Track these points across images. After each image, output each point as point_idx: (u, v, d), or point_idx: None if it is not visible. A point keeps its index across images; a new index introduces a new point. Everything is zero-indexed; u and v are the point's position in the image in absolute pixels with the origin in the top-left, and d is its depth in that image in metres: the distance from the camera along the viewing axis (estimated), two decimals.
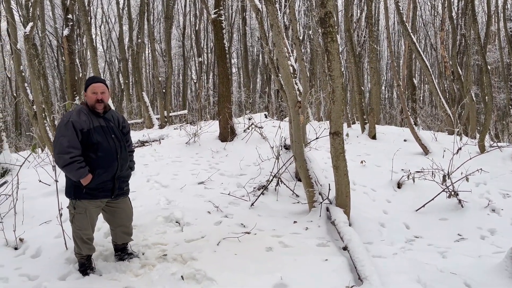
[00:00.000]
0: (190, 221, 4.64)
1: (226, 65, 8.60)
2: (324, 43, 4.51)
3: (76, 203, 3.42)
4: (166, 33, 14.35)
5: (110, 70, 29.17)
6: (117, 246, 3.82)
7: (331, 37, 4.41)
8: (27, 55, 7.65)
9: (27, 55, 7.65)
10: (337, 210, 4.56)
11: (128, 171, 3.71)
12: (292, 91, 4.88)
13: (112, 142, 3.50)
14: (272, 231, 4.41)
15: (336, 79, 4.48)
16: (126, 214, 3.76)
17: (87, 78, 4.93)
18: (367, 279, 3.25)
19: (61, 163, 3.27)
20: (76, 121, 3.34)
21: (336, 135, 4.58)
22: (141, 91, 14.13)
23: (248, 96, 15.29)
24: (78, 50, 15.73)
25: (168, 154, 7.87)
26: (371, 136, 9.26)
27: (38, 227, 4.49)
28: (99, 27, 27.29)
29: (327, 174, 6.08)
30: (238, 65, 30.59)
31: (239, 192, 5.79)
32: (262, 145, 8.09)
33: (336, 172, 4.66)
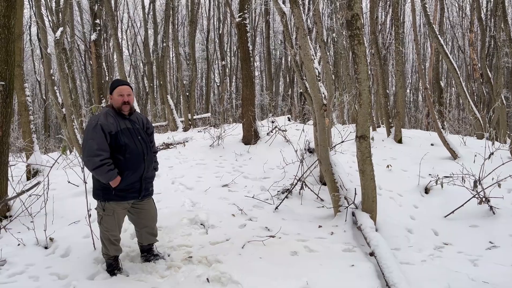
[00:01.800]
0: (215, 223, 4.65)
1: (250, 68, 8.62)
2: (351, 46, 4.45)
3: (105, 205, 3.48)
4: (190, 37, 14.52)
5: (135, 73, 29.68)
6: (143, 247, 3.86)
7: (358, 39, 4.36)
8: (57, 59, 7.87)
9: (57, 59, 7.87)
10: (363, 215, 4.49)
11: (153, 172, 3.76)
12: (317, 94, 4.84)
13: (139, 144, 3.55)
14: (297, 235, 4.38)
15: (363, 82, 4.42)
16: (151, 215, 3.81)
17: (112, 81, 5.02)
18: (395, 286, 3.18)
19: (91, 166, 3.33)
20: (104, 124, 3.40)
21: (362, 138, 4.51)
22: (165, 94, 14.32)
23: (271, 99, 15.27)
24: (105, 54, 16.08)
25: (193, 157, 7.94)
26: (397, 140, 9.10)
27: (67, 227, 4.59)
28: (125, 31, 27.82)
29: (352, 178, 6.01)
30: (261, 68, 30.64)
31: (263, 195, 5.78)
32: (286, 148, 8.06)
33: (362, 176, 4.59)
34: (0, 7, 4.47)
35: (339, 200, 4.91)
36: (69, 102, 8.12)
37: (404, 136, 9.36)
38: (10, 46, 4.62)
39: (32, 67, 30.58)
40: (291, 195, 5.78)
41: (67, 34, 14.90)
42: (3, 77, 4.62)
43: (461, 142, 8.53)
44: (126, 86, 3.59)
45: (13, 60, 4.71)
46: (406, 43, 28.22)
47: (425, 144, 8.80)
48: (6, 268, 3.66)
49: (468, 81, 19.27)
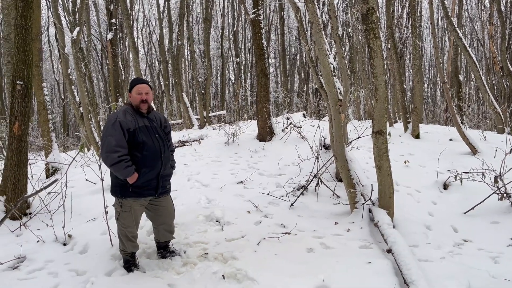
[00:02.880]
0: (230, 220, 4.65)
1: (265, 65, 8.58)
2: (366, 40, 4.39)
3: (122, 202, 3.52)
4: (205, 35, 14.55)
5: (151, 72, 29.97)
6: (160, 244, 3.89)
7: (374, 33, 4.29)
8: (74, 58, 7.98)
9: (74, 58, 7.98)
10: (380, 211, 4.43)
11: (170, 170, 3.78)
12: (332, 89, 4.79)
13: (156, 142, 3.57)
14: (313, 232, 4.35)
15: (379, 76, 4.36)
16: (168, 212, 3.83)
17: (130, 80, 5.06)
18: (414, 284, 3.12)
19: (109, 161, 3.36)
20: (123, 121, 3.42)
21: (379, 134, 4.45)
22: (181, 92, 14.41)
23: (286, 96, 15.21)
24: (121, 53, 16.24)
25: (208, 154, 7.96)
26: (414, 135, 8.95)
27: (85, 224, 4.66)
28: (141, 30, 28.07)
29: (369, 174, 5.94)
30: (275, 65, 30.57)
31: (278, 192, 5.76)
32: (301, 144, 8.01)
33: (379, 172, 4.53)
34: (17, 8, 4.55)
35: (356, 196, 4.86)
36: (86, 101, 8.24)
37: (422, 132, 9.20)
38: (27, 46, 4.70)
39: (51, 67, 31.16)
40: (306, 192, 5.74)
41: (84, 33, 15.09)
42: (21, 77, 4.70)
43: (481, 137, 8.34)
44: (144, 85, 3.61)
45: (30, 60, 4.78)
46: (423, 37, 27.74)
47: (443, 139, 8.64)
48: (26, 264, 3.73)
49: (488, 75, 18.83)
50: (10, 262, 3.71)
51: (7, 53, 5.60)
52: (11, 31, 4.87)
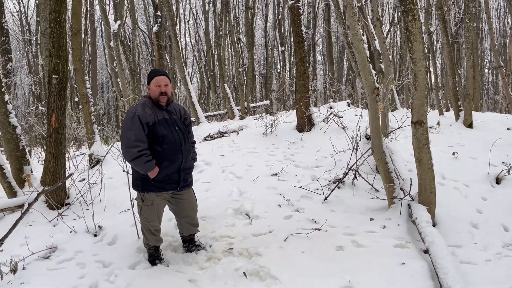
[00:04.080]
0: (260, 214, 4.52)
1: (304, 53, 8.30)
2: (404, 23, 4.03)
3: (144, 196, 3.48)
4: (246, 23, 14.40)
5: (198, 63, 30.35)
6: (185, 237, 3.84)
7: (412, 15, 3.93)
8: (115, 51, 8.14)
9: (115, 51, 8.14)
10: (419, 207, 4.10)
11: (191, 163, 3.70)
12: (368, 76, 4.48)
13: (176, 135, 3.49)
14: (345, 229, 4.11)
15: (418, 62, 4.00)
16: (190, 205, 3.75)
17: (173, 71, 5.00)
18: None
19: (129, 156, 3.34)
20: (142, 115, 3.37)
21: (418, 124, 4.10)
22: (223, 82, 14.41)
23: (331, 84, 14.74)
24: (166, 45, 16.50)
25: (245, 145, 7.86)
26: (466, 124, 8.30)
27: (117, 216, 4.73)
28: (187, 21, 28.43)
29: (412, 166, 5.54)
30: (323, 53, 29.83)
31: (313, 185, 5.54)
32: (342, 135, 7.68)
33: (419, 165, 4.19)
34: (51, 2, 4.64)
35: (394, 191, 4.54)
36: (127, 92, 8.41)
37: (476, 120, 8.52)
38: (62, 40, 4.80)
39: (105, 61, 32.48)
40: (343, 185, 5.48)
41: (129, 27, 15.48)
42: (57, 71, 4.82)
43: None
44: (163, 77, 3.54)
45: (65, 54, 4.89)
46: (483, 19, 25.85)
47: (500, 128, 7.93)
48: (57, 254, 3.83)
49: None
50: (42, 252, 3.83)
51: (45, 48, 5.78)
52: (48, 26, 4.99)
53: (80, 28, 7.29)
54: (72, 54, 7.36)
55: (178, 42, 11.77)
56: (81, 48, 7.41)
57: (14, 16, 23.97)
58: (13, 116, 5.47)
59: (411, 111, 4.19)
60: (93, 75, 21.54)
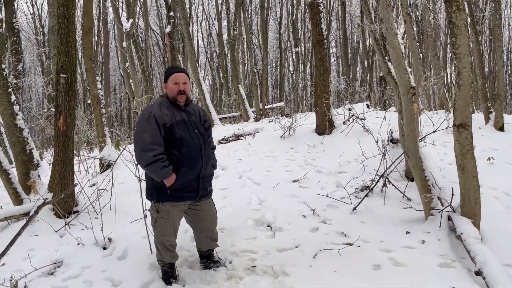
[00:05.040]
0: (283, 225, 4.13)
1: (324, 52, 7.90)
2: (447, 14, 3.61)
3: (159, 207, 3.12)
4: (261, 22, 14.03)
5: (210, 65, 30.11)
6: (202, 252, 3.47)
7: (457, 5, 3.50)
8: (128, 51, 7.84)
9: (128, 51, 7.84)
10: (463, 221, 3.67)
11: (211, 170, 3.32)
12: (404, 75, 4.06)
13: (196, 138, 3.13)
14: (380, 243, 3.70)
15: (463, 58, 3.57)
16: (210, 217, 3.38)
17: (187, 73, 4.63)
18: None
19: (143, 161, 2.97)
20: (158, 115, 3.01)
21: (462, 127, 3.69)
22: (237, 84, 14.05)
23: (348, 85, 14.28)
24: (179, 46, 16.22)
25: (262, 148, 7.48)
26: (497, 127, 7.81)
27: (128, 226, 4.37)
28: (200, 23, 28.21)
29: (444, 173, 5.12)
30: (336, 54, 29.33)
31: (338, 193, 5.13)
32: (364, 138, 7.26)
33: (462, 173, 3.75)
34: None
35: (431, 201, 4.11)
36: (139, 93, 8.10)
37: (507, 123, 8.02)
38: (70, 37, 4.48)
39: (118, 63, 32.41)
40: (372, 193, 5.06)
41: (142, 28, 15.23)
42: (65, 70, 4.50)
43: None
44: (182, 73, 3.17)
45: (74, 51, 4.56)
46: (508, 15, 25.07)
47: None
48: (62, 270, 3.48)
49: None
50: (47, 267, 3.49)
51: (53, 46, 5.48)
52: (56, 22, 4.69)
53: (92, 26, 7.00)
54: (83, 53, 7.08)
55: (192, 42, 11.45)
56: (92, 47, 7.12)
57: (28, 19, 24.04)
58: (20, 118, 5.17)
59: (454, 112, 3.77)
60: (105, 77, 21.41)
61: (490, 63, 19.95)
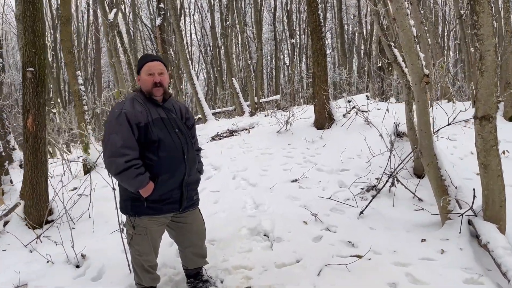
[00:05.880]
0: (282, 235, 3.65)
1: (322, 40, 7.38)
2: None
3: (136, 221, 2.62)
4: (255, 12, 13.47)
5: (204, 59, 29.50)
6: (189, 271, 2.98)
7: None
8: (112, 43, 7.30)
9: (112, 43, 7.30)
10: (488, 227, 3.21)
11: (196, 176, 2.82)
12: (416, 61, 3.56)
13: (177, 139, 2.63)
14: (393, 255, 3.23)
15: (486, 39, 3.09)
16: (196, 230, 2.89)
17: (178, 67, 4.07)
18: None
19: (114, 169, 2.48)
20: (130, 113, 2.51)
21: (485, 120, 3.21)
22: (231, 77, 13.51)
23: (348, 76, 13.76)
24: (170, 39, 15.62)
25: (258, 145, 6.99)
26: (507, 117, 7.34)
27: (108, 237, 3.88)
28: (193, 15, 27.56)
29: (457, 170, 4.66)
30: (332, 46, 28.77)
31: (342, 194, 4.65)
32: (367, 132, 6.77)
33: (485, 172, 3.29)
34: None
35: (449, 203, 3.64)
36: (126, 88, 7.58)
37: None
38: (37, 25, 3.95)
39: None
40: (378, 194, 4.59)
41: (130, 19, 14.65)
42: (32, 63, 3.98)
43: None
44: (157, 62, 2.67)
45: (42, 42, 4.04)
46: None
47: None
48: None
49: None
50: None
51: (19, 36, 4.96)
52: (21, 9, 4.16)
53: (70, 16, 6.46)
54: (62, 46, 6.54)
55: (182, 33, 10.89)
56: (72, 39, 6.58)
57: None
58: None
59: (475, 103, 3.29)
60: (97, 73, 20.79)
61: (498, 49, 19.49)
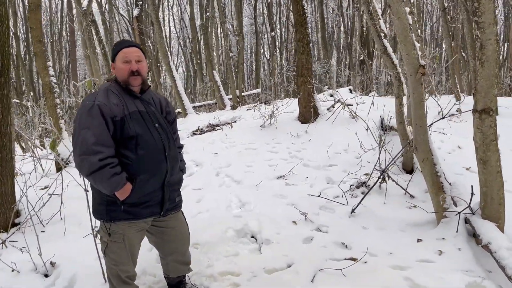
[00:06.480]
0: (270, 236, 3.41)
1: (306, 32, 7.16)
2: None
3: (111, 228, 2.33)
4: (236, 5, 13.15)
5: (183, 51, 28.96)
6: (171, 280, 2.72)
7: None
8: (86, 32, 6.88)
9: (86, 32, 6.88)
10: (487, 226, 3.05)
11: (179, 175, 2.54)
12: (411, 51, 3.38)
13: (157, 135, 2.34)
14: (389, 257, 3.04)
15: (487, 27, 2.94)
16: (180, 235, 2.62)
17: (157, 59, 3.66)
18: None
19: (86, 168, 2.17)
20: (104, 105, 2.20)
21: (485, 113, 3.07)
22: (211, 70, 13.17)
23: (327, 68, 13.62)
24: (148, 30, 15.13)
25: (241, 140, 6.74)
26: None
27: (81, 241, 3.56)
28: (171, 7, 26.95)
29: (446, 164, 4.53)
30: (312, 39, 28.67)
31: (330, 191, 4.45)
32: (352, 126, 6.63)
33: (483, 168, 3.13)
34: None
35: (445, 201, 3.48)
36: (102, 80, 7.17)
37: (500, 106, 7.54)
38: None
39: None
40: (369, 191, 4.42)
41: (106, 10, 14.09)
42: None
43: None
44: (134, 48, 2.36)
45: (5, 28, 3.67)
46: None
47: None
48: None
49: None
50: None
51: None
52: None
53: (40, 3, 6.02)
54: (31, 34, 6.12)
55: (160, 24, 10.49)
56: (42, 27, 6.15)
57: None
58: None
59: (475, 95, 3.14)
60: (72, 66, 20.03)
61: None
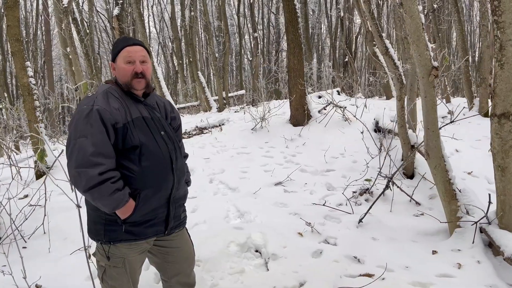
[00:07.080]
0: (276, 250, 3.17)
1: (298, 32, 6.98)
2: None
3: (110, 250, 2.04)
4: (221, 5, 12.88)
5: (164, 52, 28.46)
6: None
7: None
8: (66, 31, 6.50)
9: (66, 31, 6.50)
10: (508, 236, 2.90)
11: (185, 188, 2.27)
12: (424, 52, 3.20)
13: (163, 143, 2.05)
14: (407, 272, 2.85)
15: (507, 27, 2.77)
16: (185, 256, 2.34)
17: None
18: None
19: (83, 183, 1.85)
20: (104, 111, 1.89)
21: (505, 118, 2.89)
22: (196, 70, 12.85)
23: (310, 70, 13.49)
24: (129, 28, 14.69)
25: (232, 144, 6.48)
26: (483, 113, 7.29)
27: (67, 259, 3.25)
28: (151, 7, 26.43)
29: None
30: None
31: (332, 199, 4.25)
32: (346, 129, 6.49)
33: (502, 175, 2.97)
34: None
35: (458, 210, 3.32)
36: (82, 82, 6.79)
37: None
38: None
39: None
40: (371, 197, 4.24)
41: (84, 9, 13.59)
42: None
43: None
44: (138, 47, 2.05)
45: None
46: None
47: None
48: None
49: None
50: None
51: None
52: None
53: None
54: (8, 32, 5.71)
55: (144, 22, 10.15)
56: (20, 25, 5.75)
57: None
58: None
59: (493, 98, 2.96)
60: (48, 66, 19.33)
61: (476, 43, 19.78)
